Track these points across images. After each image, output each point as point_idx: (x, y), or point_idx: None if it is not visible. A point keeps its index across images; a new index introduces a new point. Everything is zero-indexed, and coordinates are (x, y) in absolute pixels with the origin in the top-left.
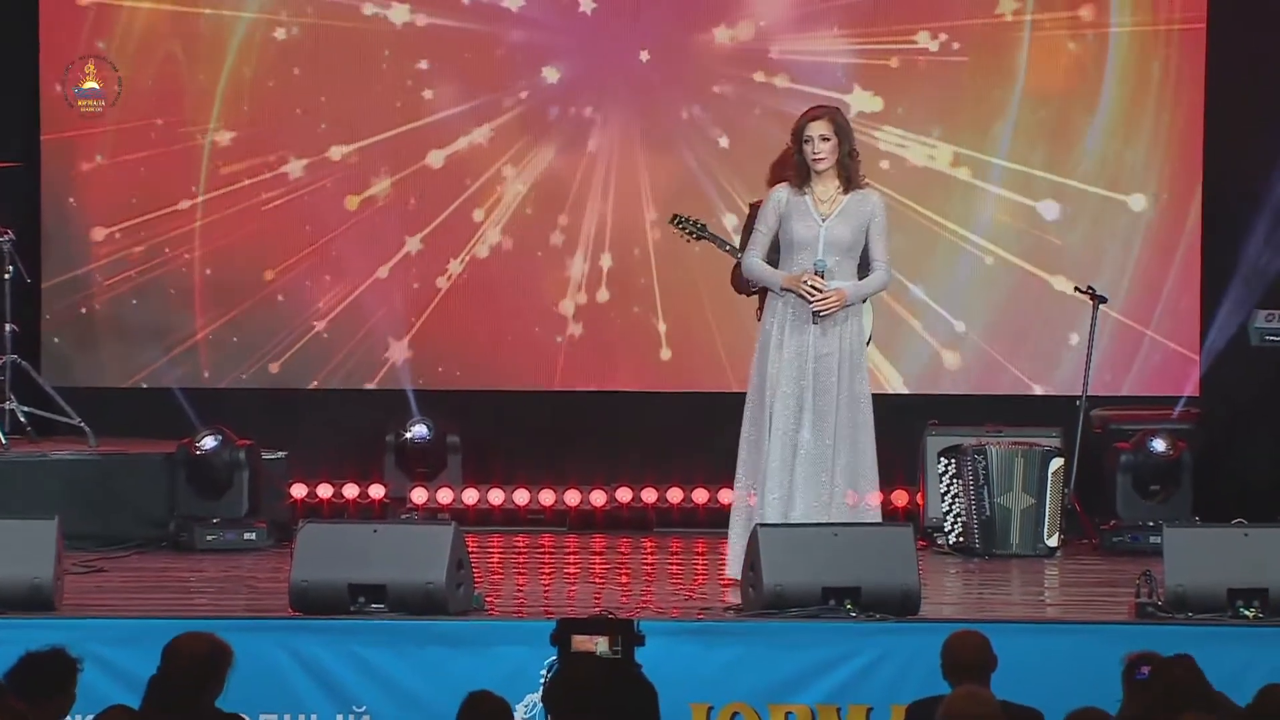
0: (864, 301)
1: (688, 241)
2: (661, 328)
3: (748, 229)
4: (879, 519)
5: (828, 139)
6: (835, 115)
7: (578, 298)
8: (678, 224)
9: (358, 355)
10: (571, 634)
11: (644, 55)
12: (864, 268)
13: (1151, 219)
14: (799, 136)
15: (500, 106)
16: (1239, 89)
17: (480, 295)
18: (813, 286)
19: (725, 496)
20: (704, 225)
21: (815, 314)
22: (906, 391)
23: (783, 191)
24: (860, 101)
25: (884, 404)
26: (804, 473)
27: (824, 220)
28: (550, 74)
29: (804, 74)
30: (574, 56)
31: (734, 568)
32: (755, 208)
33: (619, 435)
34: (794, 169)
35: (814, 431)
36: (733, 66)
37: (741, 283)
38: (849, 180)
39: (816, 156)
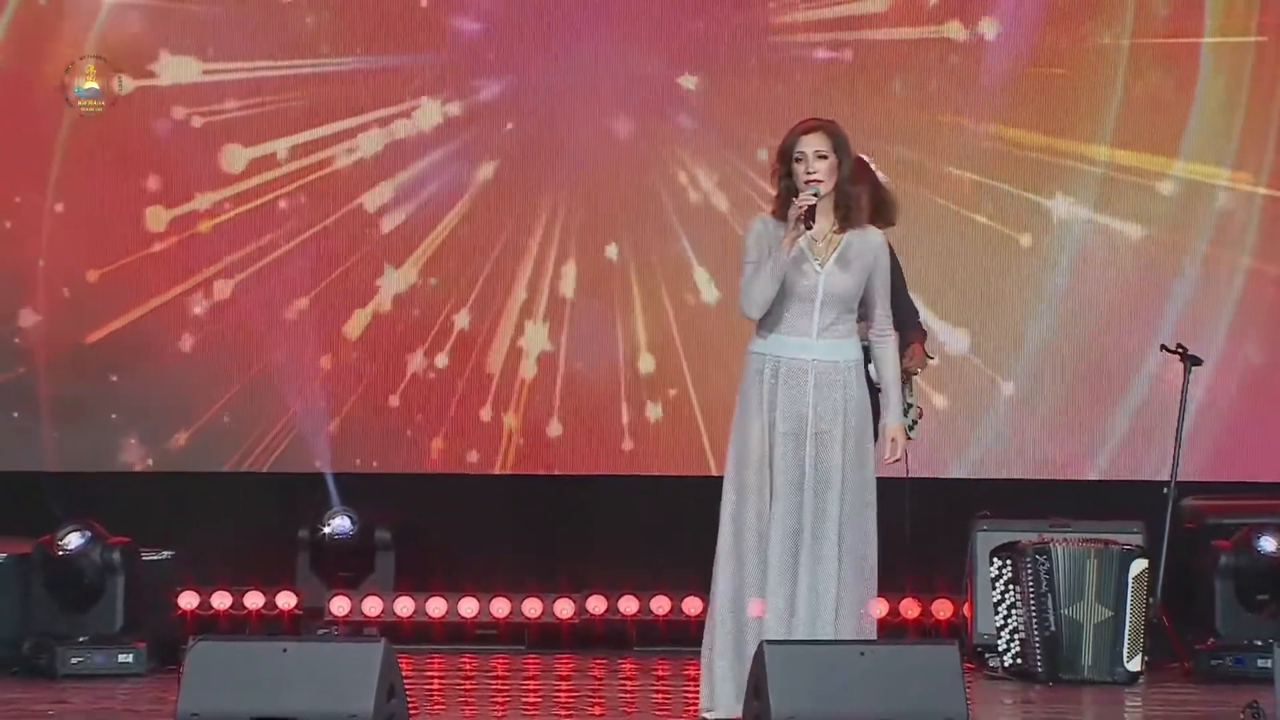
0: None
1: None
2: (644, 397)
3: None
4: (874, 633)
5: (825, 156)
6: (833, 128)
7: (536, 360)
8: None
9: (262, 430)
10: None
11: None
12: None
13: (1255, 269)
14: (788, 155)
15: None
16: None
17: (419, 355)
18: (806, 203)
19: None
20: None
21: (808, 220)
22: (947, 475)
23: (763, 224)
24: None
25: (918, 490)
26: (807, 579)
27: (821, 266)
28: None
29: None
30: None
31: (723, 702)
32: None
33: (590, 530)
34: (777, 200)
35: (815, 526)
36: None
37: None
38: (848, 214)
39: (811, 178)
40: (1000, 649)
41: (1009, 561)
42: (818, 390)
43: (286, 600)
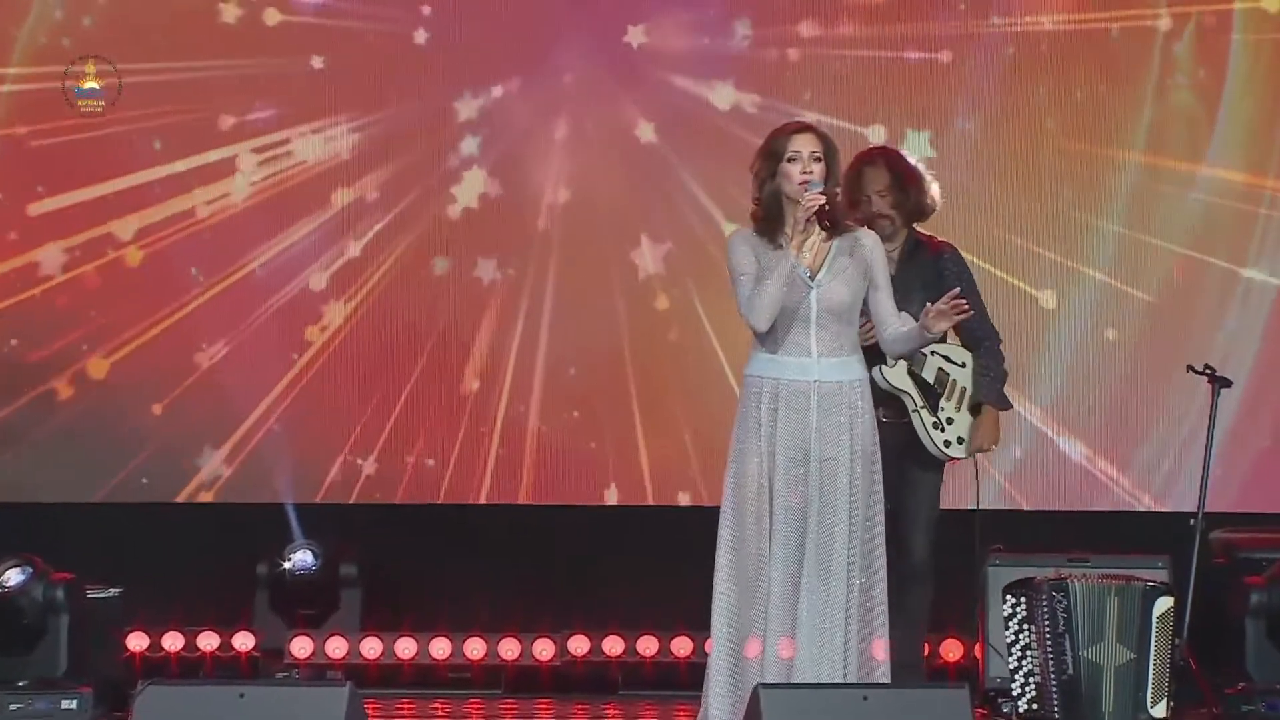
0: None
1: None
2: (636, 419)
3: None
4: (888, 675)
5: (819, 159)
6: (823, 132)
7: (514, 377)
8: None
9: (217, 457)
10: None
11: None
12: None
13: None
14: (777, 155)
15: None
16: None
17: (386, 376)
18: (816, 201)
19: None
20: None
21: (824, 218)
22: (955, 505)
23: (743, 238)
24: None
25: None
26: (811, 616)
27: (813, 278)
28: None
29: None
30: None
31: None
32: None
33: (572, 565)
34: (760, 206)
35: (819, 559)
36: None
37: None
38: (835, 221)
39: (809, 177)
40: (1014, 693)
41: (1023, 599)
42: (821, 413)
43: (244, 641)
